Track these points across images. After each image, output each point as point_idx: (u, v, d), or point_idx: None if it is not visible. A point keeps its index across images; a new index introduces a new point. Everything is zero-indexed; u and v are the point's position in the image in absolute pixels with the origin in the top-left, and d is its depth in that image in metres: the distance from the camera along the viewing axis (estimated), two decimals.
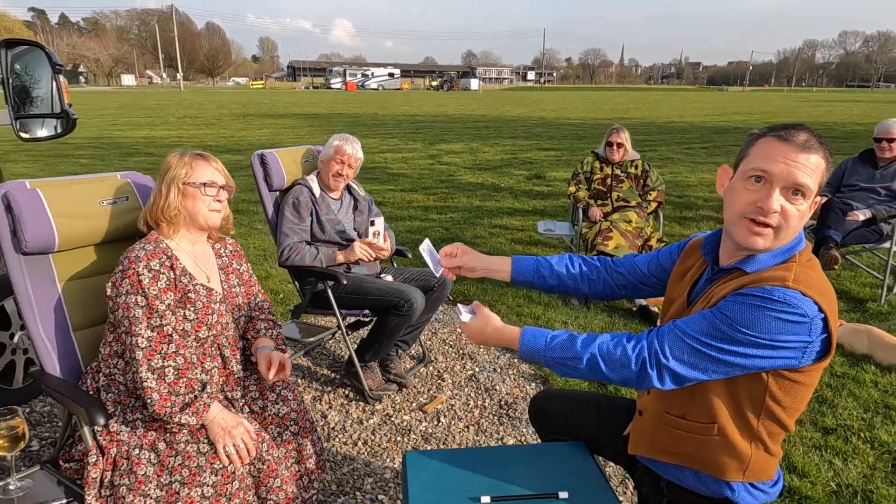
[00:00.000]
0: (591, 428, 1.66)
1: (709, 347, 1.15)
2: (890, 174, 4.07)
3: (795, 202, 1.14)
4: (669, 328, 1.20)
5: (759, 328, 1.11)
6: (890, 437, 2.49)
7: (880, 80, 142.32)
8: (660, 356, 1.17)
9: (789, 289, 1.12)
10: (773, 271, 1.17)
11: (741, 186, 1.18)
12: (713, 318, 1.15)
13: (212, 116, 22.15)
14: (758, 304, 1.12)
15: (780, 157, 1.13)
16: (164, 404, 1.53)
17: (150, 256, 1.63)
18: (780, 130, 1.16)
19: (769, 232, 1.15)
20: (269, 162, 2.86)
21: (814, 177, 1.14)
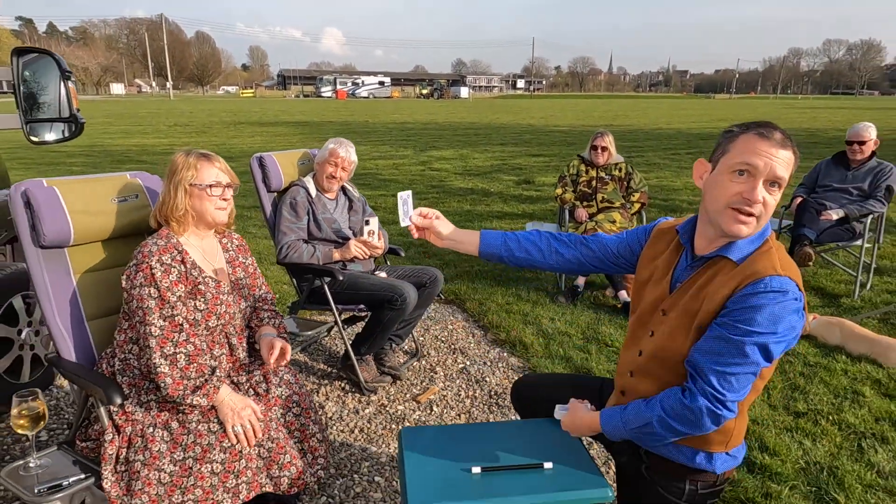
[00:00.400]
0: None
1: (747, 365, 1.26)
2: (861, 175, 4.25)
3: (773, 193, 1.27)
4: (709, 368, 1.28)
5: (779, 322, 1.23)
6: (857, 419, 2.65)
7: (864, 87, 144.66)
8: (719, 399, 1.27)
9: (781, 276, 1.25)
10: (760, 260, 1.29)
11: (726, 179, 1.29)
12: (740, 339, 1.24)
13: (202, 124, 22.21)
14: (768, 302, 1.24)
15: (762, 153, 1.25)
16: (176, 387, 1.65)
17: (163, 251, 1.75)
18: (760, 128, 1.28)
19: (753, 220, 1.28)
20: (267, 164, 2.99)
21: (789, 170, 1.27)
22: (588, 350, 3.36)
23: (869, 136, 4.21)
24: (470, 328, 3.76)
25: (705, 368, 1.29)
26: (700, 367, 1.30)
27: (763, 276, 1.26)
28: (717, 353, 1.28)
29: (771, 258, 1.30)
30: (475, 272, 4.74)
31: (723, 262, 1.35)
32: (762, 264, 1.29)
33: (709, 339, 1.31)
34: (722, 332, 1.28)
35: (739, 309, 1.26)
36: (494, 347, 3.47)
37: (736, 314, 1.27)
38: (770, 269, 1.27)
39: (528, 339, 3.50)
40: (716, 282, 1.34)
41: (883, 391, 2.90)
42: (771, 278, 1.25)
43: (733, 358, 1.26)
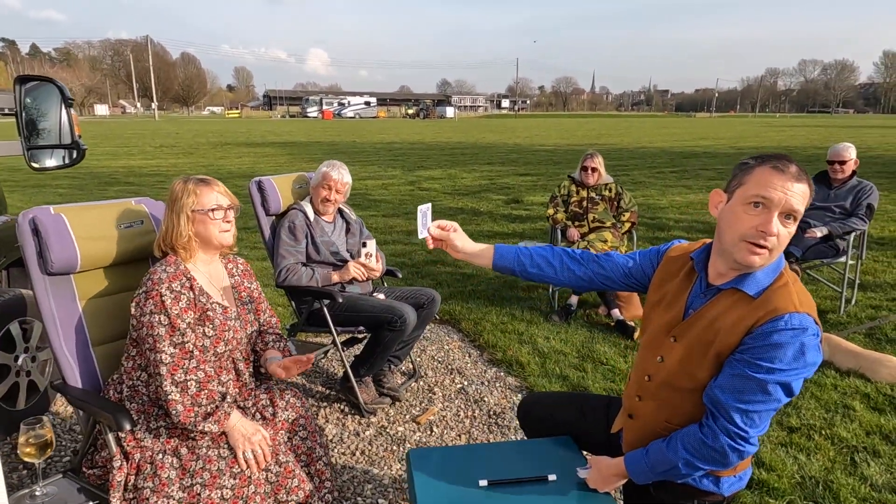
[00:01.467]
0: (574, 424, 1.82)
1: (769, 402, 1.29)
2: (843, 193, 4.38)
3: (788, 225, 1.28)
4: (732, 406, 1.30)
5: (800, 359, 1.26)
6: (848, 433, 2.71)
7: (839, 105, 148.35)
8: (742, 436, 1.31)
9: (801, 313, 1.27)
10: (778, 295, 1.30)
11: (741, 211, 1.30)
12: (763, 377, 1.27)
13: (189, 145, 22.17)
14: (789, 340, 1.25)
15: (778, 186, 1.26)
16: (188, 415, 1.66)
17: (172, 278, 1.77)
18: (775, 161, 1.30)
19: (766, 252, 1.29)
20: (266, 188, 3.02)
21: (804, 203, 1.29)
22: (584, 368, 3.40)
23: (849, 157, 4.35)
24: (466, 348, 3.78)
25: (728, 406, 1.31)
26: (722, 404, 1.32)
27: (783, 313, 1.28)
28: (739, 391, 1.30)
29: (789, 293, 1.31)
30: (469, 292, 4.78)
31: (739, 295, 1.35)
32: (782, 300, 1.30)
33: (730, 376, 1.32)
34: (743, 370, 1.30)
35: (760, 346, 1.28)
36: (491, 367, 3.50)
37: (757, 351, 1.29)
38: (790, 305, 1.28)
39: (524, 358, 3.53)
40: (733, 314, 1.34)
41: (872, 405, 2.97)
42: (791, 315, 1.27)
43: (755, 395, 1.29)
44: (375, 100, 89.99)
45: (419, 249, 6.23)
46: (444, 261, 5.77)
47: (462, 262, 5.67)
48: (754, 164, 1.34)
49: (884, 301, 4.51)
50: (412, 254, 6.03)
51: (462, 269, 5.48)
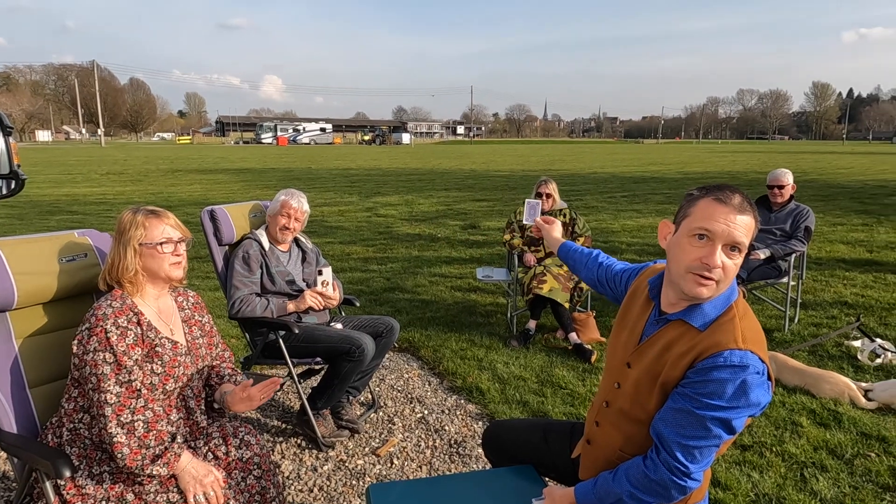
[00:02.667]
0: (538, 451, 1.81)
1: (710, 438, 1.28)
2: (783, 217, 4.59)
3: (733, 257, 1.29)
4: (673, 441, 1.30)
5: (740, 398, 1.24)
6: (797, 449, 2.79)
7: (775, 132, 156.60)
8: (683, 472, 1.30)
9: (742, 350, 1.26)
10: (721, 330, 1.30)
11: (686, 243, 1.32)
12: (703, 413, 1.26)
13: (138, 172, 21.54)
14: (728, 377, 1.24)
15: (720, 218, 1.27)
16: (134, 457, 1.58)
17: (118, 314, 1.69)
18: (718, 192, 1.31)
19: (712, 284, 1.30)
20: (218, 217, 2.95)
21: (748, 235, 1.30)
22: (544, 393, 3.42)
23: (787, 181, 4.58)
24: (426, 376, 3.75)
25: (669, 440, 1.31)
26: (665, 438, 1.32)
27: (724, 349, 1.27)
28: (680, 426, 1.30)
29: (733, 329, 1.30)
30: (428, 319, 4.76)
31: (686, 327, 1.36)
32: (724, 336, 1.29)
33: (672, 410, 1.32)
34: (684, 405, 1.30)
35: (700, 382, 1.28)
36: (451, 395, 3.47)
37: (697, 387, 1.28)
38: (731, 341, 1.28)
39: (484, 385, 3.52)
40: (679, 346, 1.35)
41: (818, 421, 3.08)
42: (731, 352, 1.26)
43: (696, 430, 1.28)
44: (331, 126, 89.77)
45: (377, 276, 6.18)
46: (403, 287, 5.74)
47: (421, 291, 5.66)
48: (699, 195, 1.35)
49: (824, 319, 4.72)
50: (370, 281, 5.98)
51: (421, 295, 5.46)
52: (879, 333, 4.31)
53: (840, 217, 10.30)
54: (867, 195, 13.93)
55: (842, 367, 3.76)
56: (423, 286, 5.80)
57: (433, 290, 5.66)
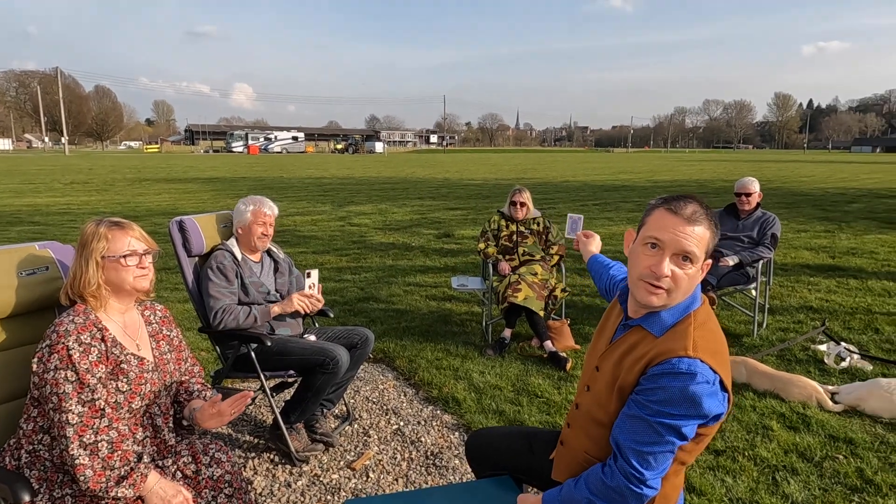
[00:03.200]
0: (523, 459, 1.80)
1: (662, 444, 1.29)
2: (750, 224, 4.70)
3: (684, 267, 1.31)
4: (628, 448, 1.31)
5: (688, 405, 1.25)
6: (769, 453, 2.84)
7: (740, 141, 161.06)
8: (637, 478, 1.31)
9: (691, 358, 1.27)
10: (675, 338, 1.32)
11: (640, 252, 1.36)
12: (654, 420, 1.28)
13: (103, 182, 21.02)
14: (676, 384, 1.26)
15: (670, 228, 1.30)
16: (98, 479, 1.51)
17: (81, 329, 1.63)
18: (672, 203, 1.34)
19: (662, 292, 1.32)
20: (187, 228, 2.88)
21: (699, 245, 1.30)
22: (520, 402, 3.41)
23: (754, 189, 4.69)
24: (401, 387, 3.71)
25: (625, 447, 1.32)
26: (621, 444, 1.34)
27: (672, 356, 1.28)
28: (634, 432, 1.31)
29: (685, 337, 1.31)
30: (403, 328, 4.72)
31: (644, 333, 1.38)
32: (676, 343, 1.31)
33: (626, 416, 1.34)
34: (637, 412, 1.31)
35: (651, 389, 1.29)
36: (427, 405, 3.44)
37: (647, 393, 1.30)
38: (681, 349, 1.29)
39: (460, 394, 3.50)
40: (636, 352, 1.38)
41: (788, 424, 3.14)
42: (679, 360, 1.27)
43: (649, 437, 1.29)
44: (303, 135, 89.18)
45: (351, 286, 6.12)
46: (377, 297, 5.69)
47: (396, 300, 5.62)
48: (655, 205, 1.38)
49: (791, 324, 4.83)
50: (344, 291, 5.92)
51: (395, 304, 5.42)
52: (843, 337, 4.42)
53: (804, 224, 10.60)
54: (829, 202, 14.38)
55: (809, 370, 3.85)
56: (397, 296, 5.76)
57: (408, 299, 5.63)
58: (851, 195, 16.39)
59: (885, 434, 3.02)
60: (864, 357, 3.98)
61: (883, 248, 8.19)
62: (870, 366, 3.87)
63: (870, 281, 6.25)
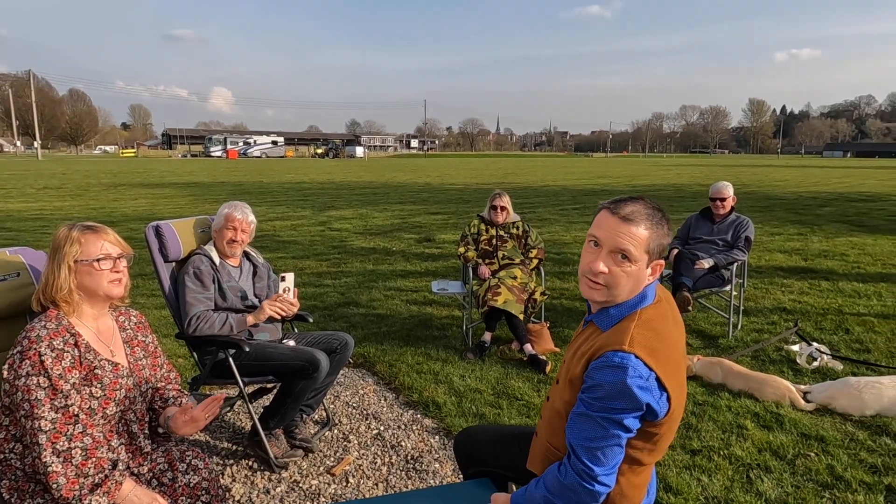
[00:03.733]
0: (511, 457, 1.79)
1: (608, 438, 1.32)
2: (724, 227, 4.79)
3: (622, 265, 1.36)
4: (579, 445, 1.34)
5: (620, 399, 1.28)
6: (743, 451, 2.89)
7: (716, 146, 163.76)
8: (589, 474, 1.33)
9: (625, 352, 1.30)
10: (616, 333, 1.36)
11: (584, 250, 1.44)
12: (596, 414, 1.31)
13: (78, 187, 20.64)
14: (608, 377, 1.29)
15: (605, 226, 1.38)
16: (71, 487, 1.49)
17: (53, 335, 1.60)
18: (613, 204, 1.40)
19: (601, 288, 1.38)
20: (164, 233, 2.85)
21: (636, 244, 1.35)
22: (500, 405, 3.43)
23: (728, 194, 4.78)
24: (381, 391, 3.70)
25: (575, 446, 1.36)
26: (572, 444, 1.37)
27: (608, 350, 1.33)
28: (581, 429, 1.35)
29: (625, 332, 1.34)
30: (383, 333, 4.71)
31: (595, 328, 1.45)
32: (614, 338, 1.35)
33: (575, 416, 1.37)
34: (583, 409, 1.35)
35: (592, 386, 1.33)
36: (408, 410, 3.44)
37: (591, 391, 1.33)
38: (616, 343, 1.33)
39: (440, 398, 3.50)
40: (584, 346, 1.44)
41: (762, 423, 3.20)
42: (613, 353, 1.31)
43: (594, 432, 1.32)
44: (283, 139, 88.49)
45: (331, 291, 6.10)
46: (357, 302, 5.68)
47: (376, 305, 5.61)
48: (601, 206, 1.45)
49: (765, 325, 4.92)
50: (324, 296, 5.89)
51: (376, 309, 5.41)
52: (815, 338, 4.52)
53: (777, 227, 10.82)
54: (801, 206, 14.70)
55: (782, 370, 3.93)
56: (378, 300, 5.75)
57: (388, 304, 5.62)
58: (823, 199, 16.77)
59: (855, 431, 3.10)
60: (834, 357, 4.08)
61: (853, 250, 8.40)
62: (840, 365, 3.97)
63: (841, 282, 6.40)
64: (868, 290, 6.06)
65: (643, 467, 1.46)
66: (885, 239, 9.42)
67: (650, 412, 1.32)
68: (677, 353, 1.43)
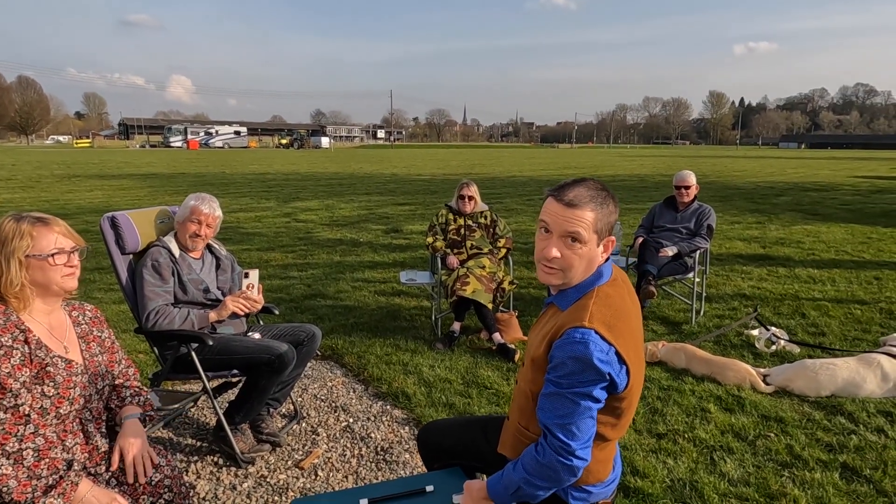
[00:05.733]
0: (477, 447, 1.80)
1: (582, 412, 1.35)
2: (688, 216, 4.88)
3: (573, 248, 1.39)
4: (553, 423, 1.37)
5: (590, 372, 1.32)
6: (707, 434, 2.96)
7: (678, 138, 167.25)
8: (566, 449, 1.35)
9: (585, 328, 1.34)
10: (575, 311, 1.40)
11: (537, 237, 1.46)
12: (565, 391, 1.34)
13: (28, 178, 19.81)
14: (572, 352, 1.33)
15: (552, 212, 1.40)
16: (23, 490, 1.42)
17: (1, 332, 1.52)
18: (557, 190, 1.42)
19: (557, 272, 1.42)
20: (120, 224, 2.74)
21: (584, 226, 1.38)
22: (469, 394, 3.43)
23: (692, 182, 4.87)
24: (350, 383, 3.66)
25: (549, 424, 1.38)
26: (546, 424, 1.39)
27: (570, 327, 1.37)
28: (554, 408, 1.37)
29: (584, 310, 1.39)
30: (351, 325, 4.66)
31: (555, 309, 1.49)
32: (574, 315, 1.39)
33: (545, 397, 1.40)
34: (552, 389, 1.37)
35: (557, 365, 1.36)
36: (377, 401, 3.41)
37: (556, 370, 1.36)
38: (578, 320, 1.37)
39: (409, 389, 3.49)
40: (545, 327, 1.48)
41: (724, 406, 3.28)
42: (575, 329, 1.35)
43: (566, 408, 1.35)
44: (246, 129, 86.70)
45: (297, 283, 6.00)
46: (324, 294, 5.60)
47: (344, 296, 5.54)
48: (548, 192, 1.47)
49: (726, 311, 5.05)
50: (290, 288, 5.80)
51: (343, 301, 5.35)
52: (774, 322, 4.66)
53: (737, 216, 11.11)
54: (759, 195, 15.14)
55: (743, 354, 4.04)
56: (345, 292, 5.69)
57: (356, 295, 5.57)
58: (779, 188, 17.31)
59: (812, 412, 3.20)
60: (792, 341, 4.21)
61: (808, 237, 8.69)
62: (797, 349, 4.10)
63: (797, 269, 6.62)
64: (822, 275, 6.28)
65: (607, 443, 1.51)
66: (838, 227, 9.78)
67: (612, 385, 1.37)
68: (634, 329, 1.47)
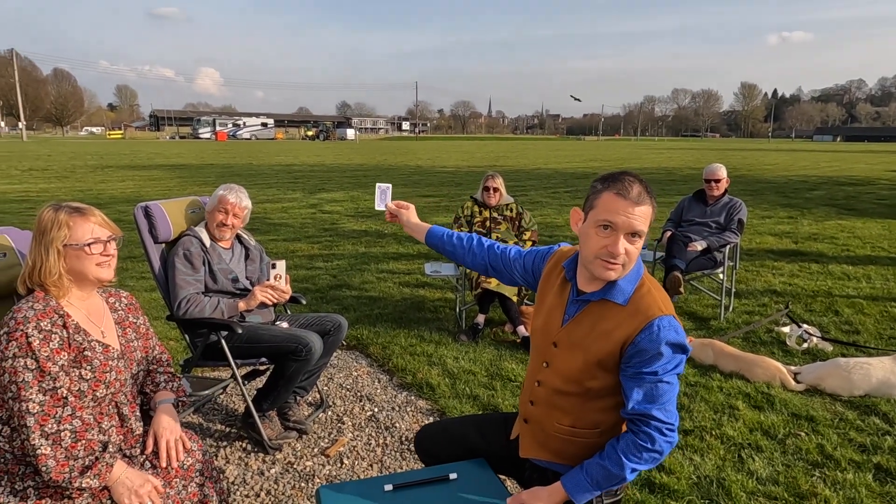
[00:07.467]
0: (474, 446, 1.82)
1: (674, 390, 1.46)
2: (718, 210, 4.79)
3: (634, 243, 1.45)
4: (654, 408, 1.44)
5: (677, 350, 1.44)
6: (734, 431, 2.92)
7: (707, 130, 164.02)
8: (669, 426, 1.46)
9: (664, 314, 1.44)
10: (644, 304, 1.46)
11: (593, 233, 1.45)
12: (662, 377, 1.44)
13: (64, 168, 20.34)
14: (665, 338, 1.42)
15: (621, 211, 1.41)
16: (61, 470, 1.47)
17: (40, 316, 1.56)
18: (619, 186, 1.43)
19: (619, 267, 1.45)
20: (154, 213, 2.80)
21: (646, 223, 1.44)
22: (493, 387, 3.43)
23: (722, 175, 4.77)
24: (375, 373, 3.70)
25: (651, 413, 1.45)
26: (646, 414, 1.45)
27: (653, 318, 1.44)
28: (654, 397, 1.45)
29: (654, 299, 1.47)
30: (376, 315, 4.70)
31: (609, 304, 1.49)
32: (649, 307, 1.45)
33: (640, 392, 1.45)
34: (650, 380, 1.44)
35: (648, 358, 1.43)
36: (402, 391, 3.44)
37: (648, 363, 1.43)
38: (656, 309, 1.45)
39: (434, 380, 3.50)
40: (606, 323, 1.48)
41: (753, 404, 3.23)
42: (660, 319, 1.44)
43: (664, 392, 1.45)
44: (273, 121, 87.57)
45: (323, 274, 6.06)
46: (350, 284, 5.65)
47: (369, 287, 5.58)
48: (601, 188, 1.47)
49: (755, 307, 4.96)
50: (316, 278, 5.86)
51: (368, 291, 5.39)
52: (805, 319, 4.56)
53: (768, 210, 10.86)
54: (791, 190, 14.77)
55: (773, 351, 3.96)
56: (370, 283, 5.73)
57: (381, 286, 5.60)
58: (813, 182, 16.86)
59: (844, 411, 3.13)
60: (824, 338, 4.11)
61: (842, 233, 8.46)
62: (830, 347, 4.01)
63: (830, 265, 6.45)
64: (857, 272, 6.11)
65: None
66: (874, 222, 9.50)
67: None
68: None
